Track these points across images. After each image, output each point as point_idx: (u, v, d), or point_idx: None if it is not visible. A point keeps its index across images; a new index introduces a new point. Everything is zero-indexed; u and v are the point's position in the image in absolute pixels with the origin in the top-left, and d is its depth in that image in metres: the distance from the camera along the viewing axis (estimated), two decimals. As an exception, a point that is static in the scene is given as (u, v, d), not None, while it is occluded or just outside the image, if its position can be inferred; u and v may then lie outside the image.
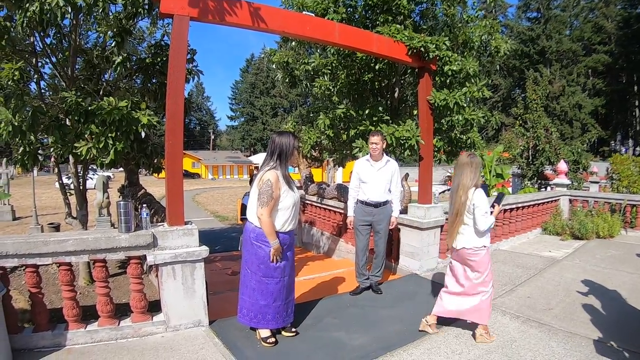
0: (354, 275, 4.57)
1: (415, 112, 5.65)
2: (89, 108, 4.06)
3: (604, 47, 45.49)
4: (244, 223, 4.55)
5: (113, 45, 4.59)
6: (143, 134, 4.37)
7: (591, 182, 12.72)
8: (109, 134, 4.12)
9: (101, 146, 4.14)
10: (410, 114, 6.36)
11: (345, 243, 6.72)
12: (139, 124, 4.21)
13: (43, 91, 4.98)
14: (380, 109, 5.57)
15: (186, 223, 3.44)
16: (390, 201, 4.35)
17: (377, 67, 5.74)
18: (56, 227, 7.81)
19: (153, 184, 21.69)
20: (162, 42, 5.53)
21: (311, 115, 6.87)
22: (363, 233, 4.38)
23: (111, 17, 4.60)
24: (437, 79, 5.36)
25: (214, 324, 3.49)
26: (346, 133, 5.79)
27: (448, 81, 5.36)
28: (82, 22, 4.90)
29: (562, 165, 9.51)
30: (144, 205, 3.61)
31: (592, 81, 46.28)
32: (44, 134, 4.63)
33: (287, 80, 6.59)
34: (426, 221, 4.91)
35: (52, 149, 4.58)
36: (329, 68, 6.02)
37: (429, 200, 5.10)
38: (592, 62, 45.42)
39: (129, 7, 4.52)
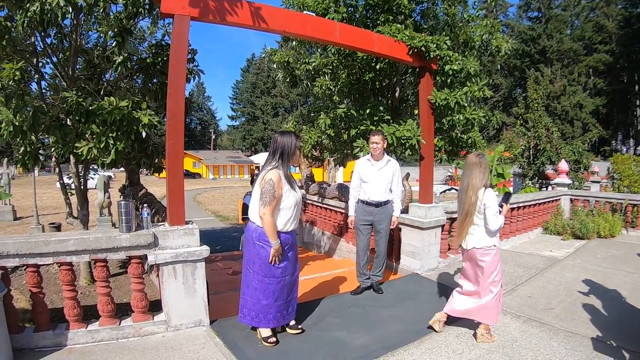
0: (355, 275, 4.57)
1: (416, 111, 5.65)
2: (90, 108, 4.07)
3: (605, 47, 45.49)
4: (245, 223, 4.56)
5: (114, 45, 4.59)
6: (144, 134, 4.38)
7: (592, 181, 12.72)
8: (110, 134, 4.13)
9: (102, 146, 4.15)
10: (411, 113, 6.37)
11: (346, 243, 6.72)
12: (139, 124, 4.22)
13: (44, 91, 4.98)
14: (381, 108, 5.58)
15: (187, 223, 3.44)
16: (391, 201, 4.35)
17: (377, 66, 5.75)
18: (57, 227, 7.82)
19: (154, 184, 21.74)
20: (163, 42, 5.55)
21: (312, 114, 6.87)
22: (364, 233, 4.38)
23: (112, 17, 4.61)
24: (438, 78, 5.36)
25: (215, 323, 3.49)
26: (347, 133, 5.79)
27: (449, 81, 5.35)
28: (82, 22, 4.91)
29: (563, 165, 9.50)
30: (144, 205, 3.61)
31: (593, 81, 46.25)
32: (44, 134, 4.64)
33: (287, 80, 6.58)
34: (427, 221, 4.91)
35: (53, 148, 4.59)
36: (330, 68, 6.03)
37: (430, 200, 5.10)
38: (593, 62, 45.40)
39: (130, 7, 4.53)
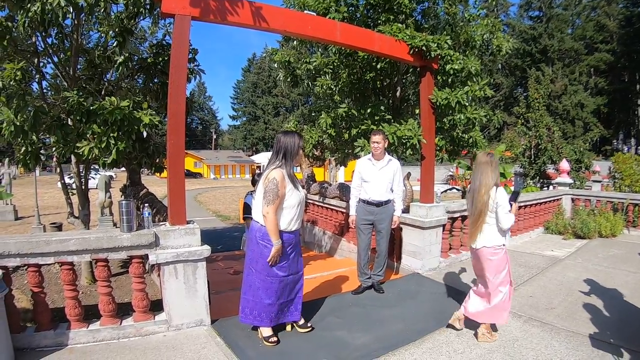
0: (356, 275, 4.57)
1: (417, 111, 5.64)
2: (91, 108, 4.07)
3: (606, 46, 45.40)
4: (246, 222, 4.58)
5: (115, 45, 4.60)
6: (145, 134, 4.38)
7: (593, 181, 12.65)
8: (111, 134, 4.13)
9: (103, 146, 4.14)
10: (412, 113, 6.36)
11: (347, 242, 6.72)
12: (140, 124, 4.22)
13: (45, 91, 4.99)
14: (382, 108, 5.57)
15: (188, 222, 3.44)
16: (392, 200, 4.35)
17: (378, 66, 5.74)
18: (58, 227, 7.84)
19: (155, 184, 21.76)
20: (164, 42, 5.56)
21: (313, 114, 6.86)
22: (365, 232, 4.38)
23: (113, 17, 4.61)
24: (438, 78, 5.35)
25: (216, 323, 3.50)
26: (348, 132, 5.79)
27: (450, 80, 5.35)
28: (83, 22, 4.91)
29: (564, 164, 9.48)
30: (146, 204, 3.61)
31: (594, 80, 46.17)
32: (46, 133, 4.64)
33: (288, 80, 6.58)
34: (428, 220, 4.91)
35: (54, 148, 4.59)
36: (331, 67, 6.03)
37: (431, 200, 5.10)
38: (594, 61, 45.32)
39: (131, 7, 4.54)
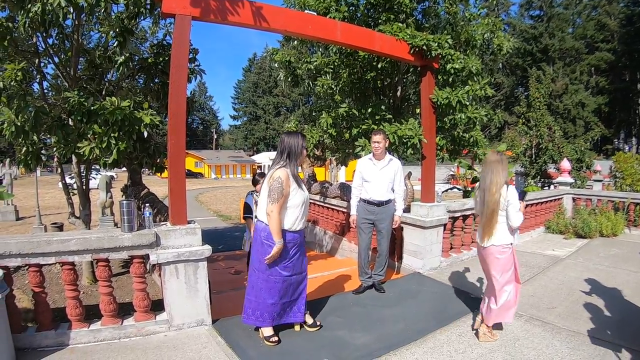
0: (357, 274, 4.57)
1: (418, 110, 5.64)
2: (92, 108, 4.07)
3: (607, 45, 45.27)
4: (247, 222, 4.58)
5: (115, 45, 4.60)
6: (146, 134, 4.38)
7: (594, 180, 12.65)
8: (112, 134, 4.14)
9: (104, 146, 4.15)
10: (412, 112, 6.36)
11: (348, 242, 6.72)
12: (141, 124, 4.22)
13: (46, 91, 5.00)
14: (383, 107, 5.57)
15: (189, 222, 3.45)
16: (393, 200, 4.34)
17: (379, 65, 5.74)
18: (59, 227, 7.86)
19: (156, 184, 21.77)
20: (164, 42, 5.56)
21: (314, 114, 6.86)
22: (365, 231, 4.37)
23: (113, 17, 4.61)
24: (439, 77, 5.34)
25: (217, 323, 3.50)
26: (349, 132, 5.78)
27: (450, 79, 5.34)
28: (84, 22, 4.92)
29: (565, 164, 9.46)
30: (146, 204, 3.62)
31: (595, 79, 46.06)
32: (46, 134, 4.64)
33: (289, 80, 6.58)
34: (429, 220, 4.90)
35: (55, 149, 4.59)
36: (331, 67, 6.03)
37: (431, 199, 5.10)
38: (595, 60, 45.21)
39: (131, 7, 4.54)
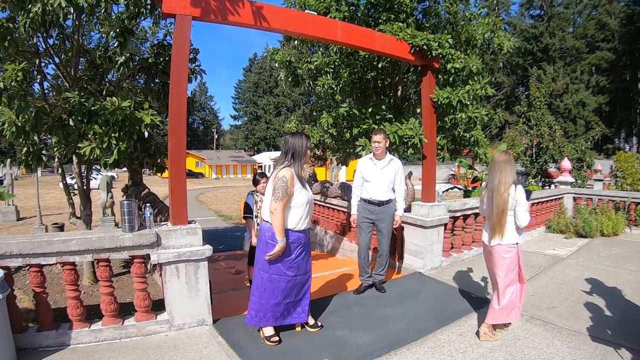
0: (357, 274, 4.57)
1: (419, 110, 5.64)
2: (92, 108, 4.07)
3: (608, 45, 45.21)
4: (247, 222, 4.58)
5: (116, 45, 4.60)
6: (146, 134, 4.38)
7: (595, 179, 12.65)
8: (113, 134, 4.13)
9: (105, 146, 4.15)
10: (413, 112, 6.35)
11: (349, 242, 6.72)
12: (142, 124, 4.22)
13: (46, 92, 5.00)
14: (383, 107, 5.56)
15: (190, 222, 3.45)
16: (394, 200, 4.34)
17: (379, 65, 5.74)
18: (60, 227, 7.87)
19: (157, 184, 21.76)
20: (165, 42, 5.55)
21: (314, 114, 6.86)
22: (366, 230, 4.37)
23: (113, 17, 4.61)
24: (440, 77, 5.34)
25: (218, 323, 3.50)
26: (349, 132, 5.78)
27: (451, 79, 5.34)
28: (84, 22, 4.92)
29: (565, 163, 9.45)
30: (147, 204, 3.62)
31: (595, 79, 46.00)
32: (47, 134, 4.64)
33: (290, 79, 6.57)
34: (430, 219, 4.90)
35: (55, 149, 4.60)
36: (332, 67, 6.03)
37: (432, 199, 5.09)
38: (596, 60, 45.14)
39: (132, 7, 4.54)
